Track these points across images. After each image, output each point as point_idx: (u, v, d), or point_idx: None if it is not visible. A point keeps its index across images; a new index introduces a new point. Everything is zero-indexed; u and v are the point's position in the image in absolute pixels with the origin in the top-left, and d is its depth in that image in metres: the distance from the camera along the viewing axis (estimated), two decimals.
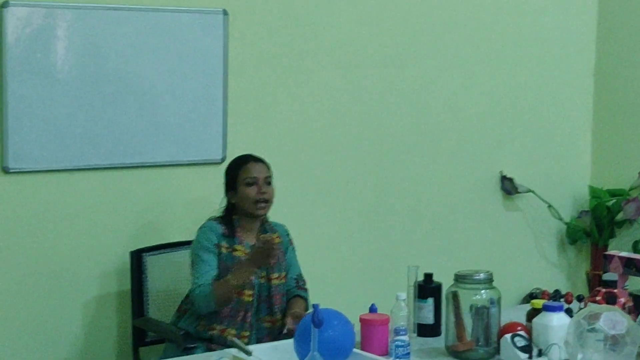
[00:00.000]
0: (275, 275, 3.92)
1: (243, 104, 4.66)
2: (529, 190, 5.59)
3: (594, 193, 5.73)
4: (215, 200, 4.04)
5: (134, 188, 4.40)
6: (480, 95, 5.46)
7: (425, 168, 5.29)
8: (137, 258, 4.21)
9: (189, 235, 3.98)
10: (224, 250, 3.85)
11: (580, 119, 5.88)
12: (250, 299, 3.84)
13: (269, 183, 3.95)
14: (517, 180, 5.56)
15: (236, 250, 3.86)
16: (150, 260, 4.22)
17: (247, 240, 3.91)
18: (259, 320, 3.88)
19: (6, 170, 4.07)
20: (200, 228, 3.92)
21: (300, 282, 4.05)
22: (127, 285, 4.27)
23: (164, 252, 4.27)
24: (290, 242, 4.07)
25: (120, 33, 4.29)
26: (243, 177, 3.92)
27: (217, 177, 4.11)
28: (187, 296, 3.90)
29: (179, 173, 4.49)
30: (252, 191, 3.89)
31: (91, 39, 4.22)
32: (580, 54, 5.83)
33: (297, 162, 4.86)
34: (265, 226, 4.00)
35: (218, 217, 3.95)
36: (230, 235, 3.89)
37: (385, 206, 5.17)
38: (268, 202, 3.91)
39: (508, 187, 5.55)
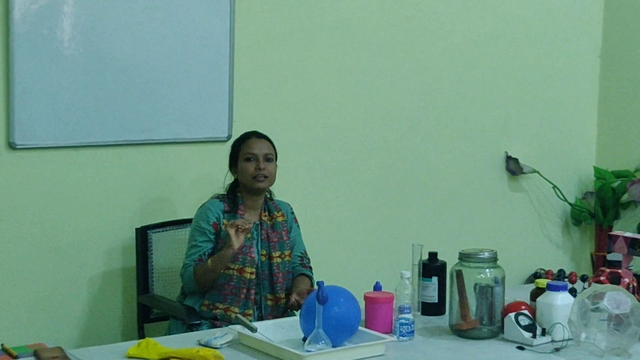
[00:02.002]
0: (277, 253, 3.93)
1: (249, 82, 4.66)
2: (534, 171, 5.59)
3: (599, 174, 5.73)
4: (220, 178, 4.05)
5: (140, 165, 4.41)
6: (486, 76, 5.46)
7: (431, 148, 5.29)
8: (143, 235, 4.22)
9: (194, 213, 3.98)
10: (224, 228, 3.86)
11: (586, 100, 5.88)
12: (253, 276, 3.85)
13: (270, 160, 3.94)
14: (522, 161, 5.56)
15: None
16: (155, 237, 4.24)
17: (249, 218, 3.92)
18: (262, 298, 3.90)
19: (12, 147, 4.08)
20: (201, 207, 3.94)
21: (304, 260, 4.06)
22: (132, 262, 4.28)
23: (170, 229, 4.28)
24: (294, 220, 4.08)
25: (127, 10, 4.28)
26: (243, 152, 3.94)
27: (222, 155, 4.11)
28: None
29: (185, 150, 4.50)
30: (250, 166, 3.90)
31: (98, 16, 4.22)
32: (586, 35, 5.82)
33: (302, 140, 4.87)
34: (269, 204, 4.01)
35: (221, 194, 3.97)
36: (233, 211, 3.90)
37: (390, 185, 5.18)
38: (267, 177, 3.91)
39: (513, 167, 5.55)
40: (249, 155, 3.92)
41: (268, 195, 4.03)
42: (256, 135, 4.01)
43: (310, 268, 4.06)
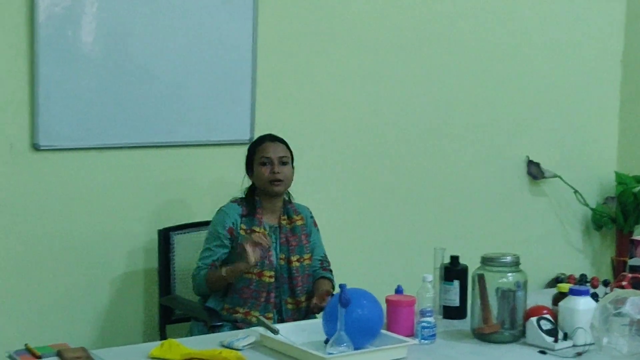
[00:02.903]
0: (295, 257, 3.93)
1: (271, 85, 4.67)
2: (556, 176, 5.58)
3: (620, 179, 5.71)
4: (242, 180, 4.06)
5: (162, 167, 4.43)
6: (507, 80, 5.45)
7: (452, 152, 5.29)
8: (165, 236, 4.23)
9: None
10: (242, 232, 3.87)
11: (608, 105, 5.86)
12: (272, 280, 3.85)
13: (285, 163, 3.93)
14: (544, 165, 5.55)
15: (254, 232, 3.87)
16: (177, 239, 4.25)
17: (267, 221, 3.92)
18: (282, 302, 3.90)
19: (37, 148, 4.10)
20: (218, 210, 3.94)
21: (324, 263, 4.06)
22: (154, 263, 4.30)
23: (192, 231, 4.29)
24: (314, 223, 4.08)
25: (149, 13, 4.30)
26: (258, 156, 3.94)
27: (244, 157, 4.12)
28: None
29: (207, 153, 4.51)
30: (265, 170, 3.90)
31: (121, 19, 4.24)
32: (608, 40, 5.81)
33: (324, 143, 4.88)
34: (288, 207, 4.01)
35: (239, 198, 3.97)
36: (251, 215, 3.90)
37: (412, 189, 5.18)
38: (282, 181, 3.91)
39: (534, 171, 5.54)
40: (264, 160, 3.92)
41: (287, 198, 4.03)
42: (270, 139, 3.99)
43: (331, 271, 4.06)
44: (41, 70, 4.07)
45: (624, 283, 3.57)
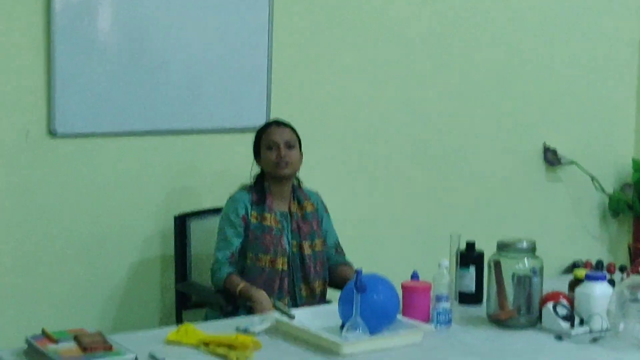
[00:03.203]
0: (307, 243, 3.93)
1: (287, 73, 4.67)
2: (572, 162, 5.57)
3: (637, 166, 5.69)
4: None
5: (179, 153, 4.44)
6: (524, 67, 5.44)
7: (469, 138, 5.29)
8: (181, 223, 4.24)
9: None
10: (253, 220, 3.88)
11: (625, 91, 5.84)
12: (285, 267, 3.87)
13: (291, 147, 3.93)
14: (560, 152, 5.54)
15: (265, 219, 3.88)
16: (194, 225, 4.26)
17: (277, 208, 3.93)
18: (295, 289, 3.91)
19: (53, 134, 4.12)
20: (229, 199, 3.95)
21: (339, 249, 4.07)
22: (170, 250, 4.31)
23: (208, 218, 4.30)
24: (325, 209, 4.08)
25: (166, 0, 4.31)
26: (265, 141, 3.94)
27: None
28: None
29: (224, 140, 4.52)
30: (271, 154, 3.90)
31: (137, 6, 4.25)
32: (626, 26, 5.78)
33: (340, 130, 4.88)
34: (298, 193, 4.01)
35: (248, 185, 3.98)
36: (261, 202, 3.91)
37: (427, 175, 5.18)
38: (289, 163, 3.91)
39: (551, 158, 5.53)
40: (270, 144, 3.92)
41: (296, 184, 4.03)
42: (276, 124, 4.00)
43: (345, 255, 4.07)
44: (57, 57, 4.08)
45: None
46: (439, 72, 5.15)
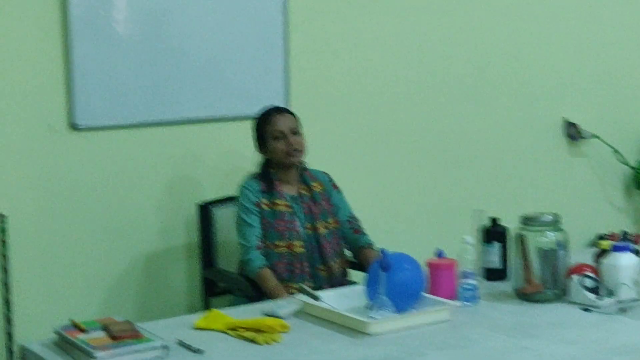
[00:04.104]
0: (321, 224, 3.93)
1: (304, 56, 4.67)
2: (594, 136, 5.54)
3: None
4: None
5: (200, 142, 4.45)
6: (543, 40, 5.41)
7: (489, 114, 5.27)
8: (205, 211, 4.26)
9: None
10: (265, 207, 3.88)
11: None
12: (302, 249, 3.87)
13: (297, 133, 3.93)
14: (582, 126, 5.51)
15: (277, 204, 3.89)
16: (217, 213, 4.27)
17: (286, 192, 3.94)
18: (314, 270, 3.91)
19: (74, 127, 4.14)
20: (240, 188, 3.95)
21: (353, 223, 4.04)
22: (194, 237, 4.33)
23: (230, 205, 4.30)
24: (333, 186, 4.07)
25: None
26: (270, 131, 3.93)
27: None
28: None
29: (244, 127, 4.51)
30: (280, 145, 3.90)
31: None
32: None
33: (359, 109, 4.87)
34: (305, 175, 4.01)
35: (257, 173, 3.98)
36: (269, 190, 3.91)
37: (449, 152, 5.17)
38: (299, 151, 3.91)
39: (572, 133, 5.50)
40: (277, 134, 3.91)
41: (302, 167, 4.02)
42: (277, 112, 3.99)
43: (364, 230, 4.06)
44: (75, 49, 4.10)
45: None
46: (457, 47, 5.13)
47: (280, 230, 3.85)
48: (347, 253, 4.05)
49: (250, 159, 4.46)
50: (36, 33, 4.05)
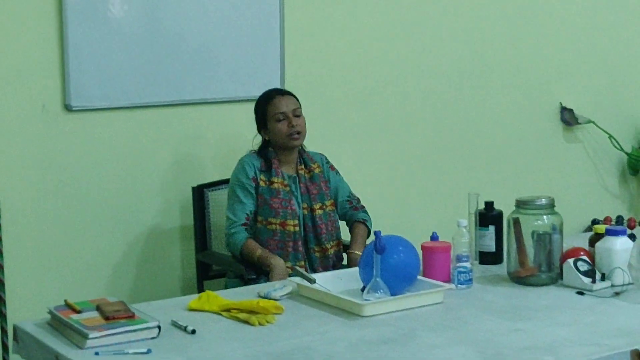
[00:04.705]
0: (318, 205, 3.94)
1: (300, 39, 4.66)
2: (590, 121, 5.53)
3: None
4: None
5: (194, 124, 4.44)
6: (539, 26, 5.40)
7: (486, 99, 5.27)
8: (199, 193, 4.25)
9: None
10: (262, 184, 3.89)
11: None
12: (297, 229, 3.88)
13: (298, 115, 3.94)
14: (577, 111, 5.51)
15: (273, 182, 3.89)
16: (212, 196, 4.27)
17: (285, 172, 3.94)
18: (309, 250, 3.91)
19: (68, 109, 4.13)
20: (239, 161, 3.96)
21: (353, 201, 4.07)
22: (189, 220, 4.33)
23: (225, 188, 4.29)
24: (330, 168, 4.08)
25: None
26: (272, 113, 3.93)
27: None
28: None
29: (239, 109, 4.51)
30: (282, 126, 3.90)
31: None
32: None
33: (356, 93, 4.87)
34: (304, 157, 4.02)
35: (256, 150, 3.99)
36: (268, 169, 3.91)
37: (445, 136, 5.17)
38: (300, 133, 3.92)
39: (568, 118, 5.50)
40: (279, 116, 3.91)
41: (301, 148, 4.03)
42: (279, 93, 4.00)
43: (363, 207, 4.07)
44: (70, 31, 4.08)
45: None
46: (453, 32, 5.13)
47: (275, 208, 3.85)
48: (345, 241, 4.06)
49: (247, 141, 4.46)
50: (31, 14, 4.04)
